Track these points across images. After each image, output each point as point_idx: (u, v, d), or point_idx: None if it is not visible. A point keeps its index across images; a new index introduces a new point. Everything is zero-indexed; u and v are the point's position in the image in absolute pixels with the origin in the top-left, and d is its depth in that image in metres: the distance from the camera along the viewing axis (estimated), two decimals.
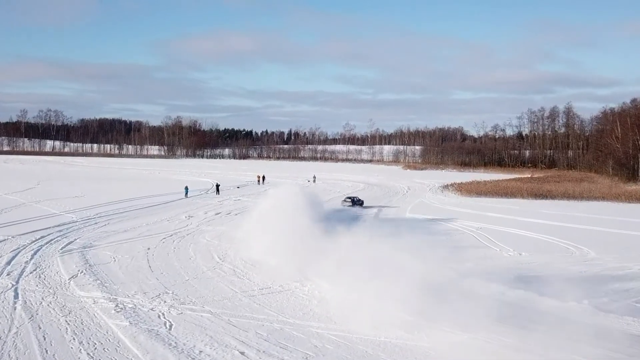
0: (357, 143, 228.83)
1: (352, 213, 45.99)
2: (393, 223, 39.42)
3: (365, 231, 30.33)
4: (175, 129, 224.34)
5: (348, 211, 47.52)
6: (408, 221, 41.50)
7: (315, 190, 68.87)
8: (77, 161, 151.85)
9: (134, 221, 37.82)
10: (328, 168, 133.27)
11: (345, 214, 44.94)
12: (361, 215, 44.46)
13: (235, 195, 59.81)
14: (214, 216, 41.71)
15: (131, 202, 49.41)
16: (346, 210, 48.68)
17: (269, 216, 33.87)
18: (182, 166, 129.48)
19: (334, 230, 28.72)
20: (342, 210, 47.60)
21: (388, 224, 39.20)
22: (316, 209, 38.42)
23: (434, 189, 75.06)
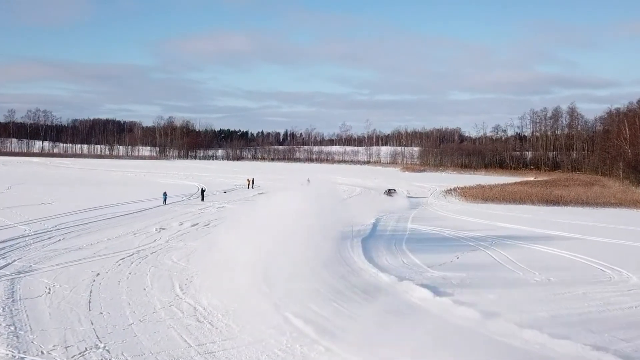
0: (353, 144, 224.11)
1: None
2: (394, 239, 34.40)
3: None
4: (168, 130, 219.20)
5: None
6: (412, 235, 36.38)
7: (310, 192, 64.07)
8: (64, 162, 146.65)
9: (95, 235, 32.73)
10: (323, 170, 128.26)
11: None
12: (358, 231, 39.45)
13: (220, 201, 54.73)
14: (190, 228, 36.62)
15: (103, 210, 44.41)
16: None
17: (255, 229, 28.89)
18: (172, 168, 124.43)
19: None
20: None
21: (389, 241, 34.18)
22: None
23: (436, 193, 70.21)
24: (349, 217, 42.10)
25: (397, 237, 34.80)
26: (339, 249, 28.61)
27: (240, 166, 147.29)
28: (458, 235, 36.15)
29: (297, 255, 24.23)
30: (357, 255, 28.45)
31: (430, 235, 36.41)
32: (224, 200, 56.32)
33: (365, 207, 51.63)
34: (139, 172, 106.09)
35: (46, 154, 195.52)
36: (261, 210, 34.98)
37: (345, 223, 35.39)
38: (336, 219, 33.54)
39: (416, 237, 34.90)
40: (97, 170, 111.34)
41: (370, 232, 36.49)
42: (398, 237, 34.81)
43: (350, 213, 45.19)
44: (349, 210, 47.37)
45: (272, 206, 36.93)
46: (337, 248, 28.39)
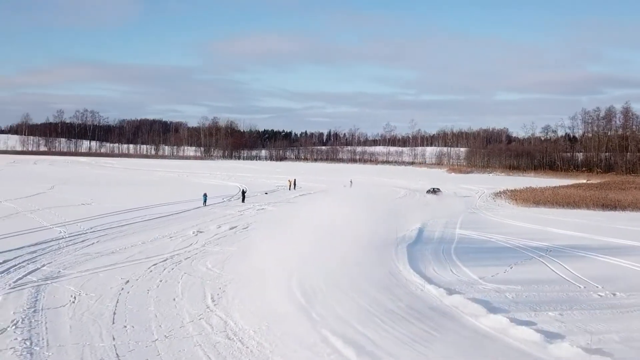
0: (397, 144, 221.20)
1: None
2: (442, 246, 32.36)
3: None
4: (212, 130, 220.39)
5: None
6: (461, 242, 34.22)
7: (350, 196, 62.30)
8: (109, 162, 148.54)
9: (130, 238, 31.71)
10: (367, 171, 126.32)
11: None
12: (402, 237, 37.51)
13: (261, 203, 53.47)
14: (228, 231, 35.31)
15: (141, 211, 43.63)
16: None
17: (293, 235, 27.51)
18: (215, 168, 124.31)
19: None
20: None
21: (436, 249, 32.15)
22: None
23: (484, 196, 67.52)
24: (393, 222, 40.32)
25: (445, 244, 32.74)
26: (382, 257, 26.88)
27: (283, 167, 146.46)
28: (510, 243, 33.85)
29: (337, 266, 22.75)
30: (403, 264, 26.57)
31: (480, 242, 34.20)
32: (264, 201, 55.07)
33: (410, 211, 49.66)
34: (182, 173, 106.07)
35: (93, 153, 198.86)
36: (300, 215, 33.73)
37: (389, 229, 33.65)
38: (379, 226, 31.92)
39: (466, 245, 32.76)
40: (141, 171, 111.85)
41: (416, 239, 34.54)
42: (446, 244, 32.74)
43: (394, 217, 43.39)
44: (393, 215, 45.49)
45: (312, 211, 35.69)
46: (380, 257, 26.70)
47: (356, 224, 34.08)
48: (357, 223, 33.53)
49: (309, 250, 24.08)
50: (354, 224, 31.99)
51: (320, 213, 38.74)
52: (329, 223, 29.76)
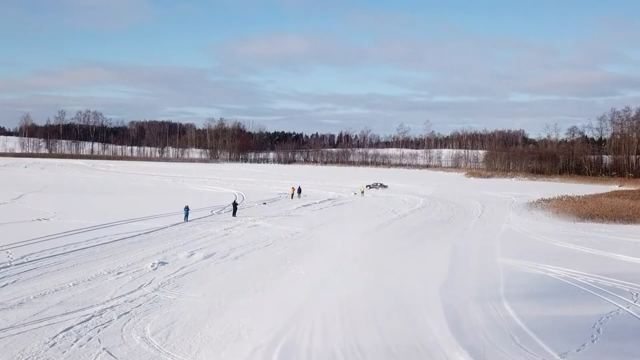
0: (410, 146, 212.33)
1: None
2: (485, 287, 23.64)
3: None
4: (219, 132, 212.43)
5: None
6: (511, 281, 25.40)
7: (362, 208, 53.78)
8: (107, 165, 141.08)
9: (62, 275, 23.34)
10: (380, 175, 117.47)
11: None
12: (432, 273, 28.94)
13: (255, 216, 44.98)
14: (200, 262, 26.82)
15: (104, 229, 35.46)
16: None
17: (288, 275, 19.96)
18: (217, 172, 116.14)
19: None
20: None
21: (480, 294, 23.46)
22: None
23: (515, 205, 58.68)
24: (417, 249, 31.62)
25: (489, 284, 24.02)
26: (409, 318, 18.39)
27: (290, 170, 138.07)
28: (576, 281, 25.15)
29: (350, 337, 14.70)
30: (438, 324, 17.93)
31: (536, 280, 25.39)
32: (260, 214, 46.58)
33: (434, 227, 41.13)
34: (180, 177, 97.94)
35: (94, 156, 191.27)
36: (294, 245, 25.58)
37: (414, 267, 25.37)
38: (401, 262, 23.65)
39: (519, 285, 24.00)
40: (136, 175, 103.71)
41: (449, 274, 25.82)
42: (490, 284, 24.01)
43: (417, 241, 34.77)
44: (415, 238, 36.94)
45: (309, 240, 27.78)
46: (405, 317, 18.28)
47: (370, 262, 25.81)
48: (371, 261, 25.14)
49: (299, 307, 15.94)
50: (366, 264, 23.55)
51: (321, 242, 30.84)
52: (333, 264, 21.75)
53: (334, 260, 27.71)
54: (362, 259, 28.42)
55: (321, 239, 34.61)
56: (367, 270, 25.40)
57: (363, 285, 22.40)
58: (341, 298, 20.14)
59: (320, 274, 24.43)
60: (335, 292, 21.35)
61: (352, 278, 23.80)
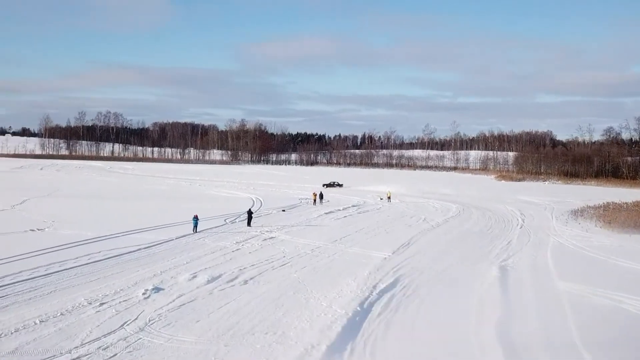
0: (435, 148, 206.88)
1: None
2: (550, 323, 18.92)
3: None
4: (240, 133, 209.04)
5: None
6: (584, 317, 20.55)
7: (390, 216, 49.14)
8: (125, 167, 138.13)
9: (35, 305, 19.21)
10: (405, 178, 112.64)
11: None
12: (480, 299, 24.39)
13: (272, 226, 40.64)
14: (202, 288, 22.44)
15: (100, 243, 31.46)
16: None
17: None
18: (236, 175, 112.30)
19: None
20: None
21: (545, 327, 18.80)
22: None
23: (558, 214, 53.58)
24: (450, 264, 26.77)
25: (556, 322, 19.30)
26: None
27: (312, 172, 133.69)
28: None
29: None
30: None
31: (611, 316, 20.49)
32: (277, 223, 42.23)
33: (476, 239, 36.40)
34: (196, 180, 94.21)
35: (115, 157, 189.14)
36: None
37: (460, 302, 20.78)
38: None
39: (592, 324, 19.16)
40: (153, 178, 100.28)
41: (503, 306, 21.14)
42: (557, 322, 19.28)
43: (454, 256, 30.05)
44: (450, 250, 32.30)
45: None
46: None
47: (405, 291, 21.37)
48: (405, 288, 20.66)
49: None
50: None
51: (345, 261, 26.46)
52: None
53: (361, 287, 23.20)
54: (394, 284, 23.89)
55: (345, 256, 30.10)
56: (403, 304, 20.89)
57: (398, 327, 17.95)
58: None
59: (346, 308, 19.93)
60: (364, 336, 16.93)
61: (384, 315, 19.35)
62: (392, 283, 24.20)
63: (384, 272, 26.36)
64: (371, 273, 25.91)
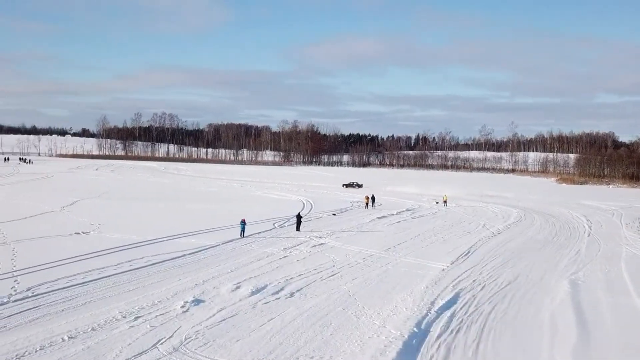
0: (491, 149, 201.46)
1: None
2: (629, 341, 16.53)
3: None
4: (292, 134, 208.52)
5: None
6: None
7: (447, 222, 46.72)
8: (179, 168, 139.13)
9: (67, 317, 18.00)
10: (461, 180, 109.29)
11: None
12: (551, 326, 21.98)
13: (322, 231, 38.88)
14: (246, 301, 20.74)
15: (145, 248, 30.50)
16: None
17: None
18: (288, 176, 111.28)
19: None
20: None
21: None
22: None
23: (628, 221, 50.08)
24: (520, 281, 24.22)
25: None
26: None
27: (365, 174, 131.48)
28: None
29: None
30: None
31: None
32: (328, 228, 40.44)
33: (542, 255, 33.70)
34: (248, 182, 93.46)
35: (170, 158, 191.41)
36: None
37: None
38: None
39: None
40: (204, 179, 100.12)
41: (579, 328, 18.75)
42: None
43: (519, 267, 27.50)
44: (514, 261, 29.80)
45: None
46: None
47: (468, 309, 19.12)
48: (468, 305, 18.42)
49: None
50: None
51: (400, 273, 24.40)
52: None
53: (417, 303, 21.15)
54: (454, 300, 21.74)
55: (400, 266, 28.03)
56: (464, 324, 18.77)
57: (460, 353, 15.87)
58: None
59: (401, 329, 17.95)
60: None
61: (444, 338, 17.29)
62: (451, 299, 22.07)
63: (442, 285, 24.22)
64: (428, 287, 23.82)
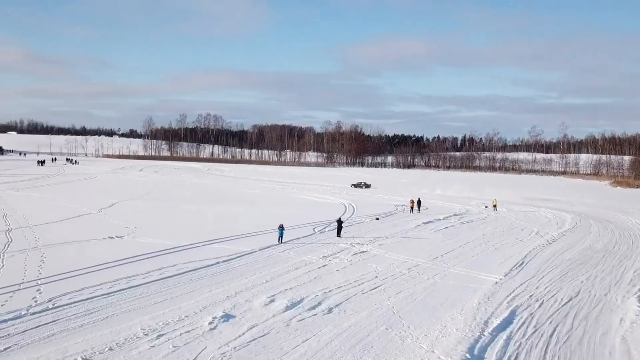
0: (539, 150, 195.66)
1: None
2: None
3: None
4: (336, 135, 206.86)
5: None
6: None
7: (498, 228, 44.16)
8: (222, 168, 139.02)
9: (84, 335, 16.55)
10: (510, 182, 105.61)
11: None
12: None
13: (364, 237, 36.89)
14: (280, 316, 19.02)
15: (181, 253, 29.39)
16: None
17: None
18: (330, 178, 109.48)
19: None
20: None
21: None
22: None
23: None
24: None
25: None
26: None
27: (410, 176, 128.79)
28: None
29: None
30: None
31: None
32: (370, 234, 38.40)
33: (603, 266, 30.95)
34: (289, 184, 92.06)
35: (214, 159, 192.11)
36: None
37: None
38: None
39: None
40: (246, 180, 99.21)
41: None
42: None
43: (577, 283, 24.92)
44: (573, 275, 27.16)
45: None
46: None
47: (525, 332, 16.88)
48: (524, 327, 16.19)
49: None
50: None
51: (449, 286, 22.24)
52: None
53: (469, 323, 19.03)
54: (510, 319, 19.53)
55: (449, 278, 25.84)
56: (523, 349, 16.58)
57: None
58: None
59: (452, 355, 15.89)
60: None
61: None
62: (507, 318, 19.86)
63: (496, 301, 21.99)
64: (481, 303, 21.63)
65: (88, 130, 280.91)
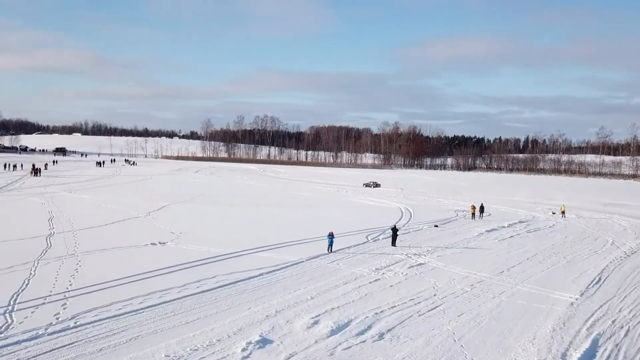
0: (606, 152, 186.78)
1: None
2: None
3: None
4: (393, 136, 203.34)
5: None
6: None
7: (568, 238, 40.62)
8: (277, 170, 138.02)
9: None
10: (578, 186, 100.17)
11: None
12: None
13: (421, 247, 34.16)
14: (323, 342, 16.71)
15: (223, 262, 27.50)
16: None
17: None
18: (388, 180, 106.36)
19: None
20: None
21: None
22: None
23: None
24: None
25: None
26: None
27: (470, 179, 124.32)
28: None
29: None
30: None
31: None
32: (428, 243, 35.61)
33: None
34: (345, 186, 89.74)
35: (270, 160, 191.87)
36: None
37: None
38: None
39: None
40: (300, 182, 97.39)
41: None
42: None
43: None
44: None
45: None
46: None
47: None
48: None
49: None
50: None
51: (517, 307, 19.41)
52: None
53: (544, 356, 16.24)
54: (592, 352, 16.65)
55: (517, 297, 22.93)
56: None
57: None
58: None
59: None
60: None
61: None
62: (588, 350, 17.02)
63: (573, 328, 19.07)
64: (555, 329, 18.77)
65: (150, 131, 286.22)
